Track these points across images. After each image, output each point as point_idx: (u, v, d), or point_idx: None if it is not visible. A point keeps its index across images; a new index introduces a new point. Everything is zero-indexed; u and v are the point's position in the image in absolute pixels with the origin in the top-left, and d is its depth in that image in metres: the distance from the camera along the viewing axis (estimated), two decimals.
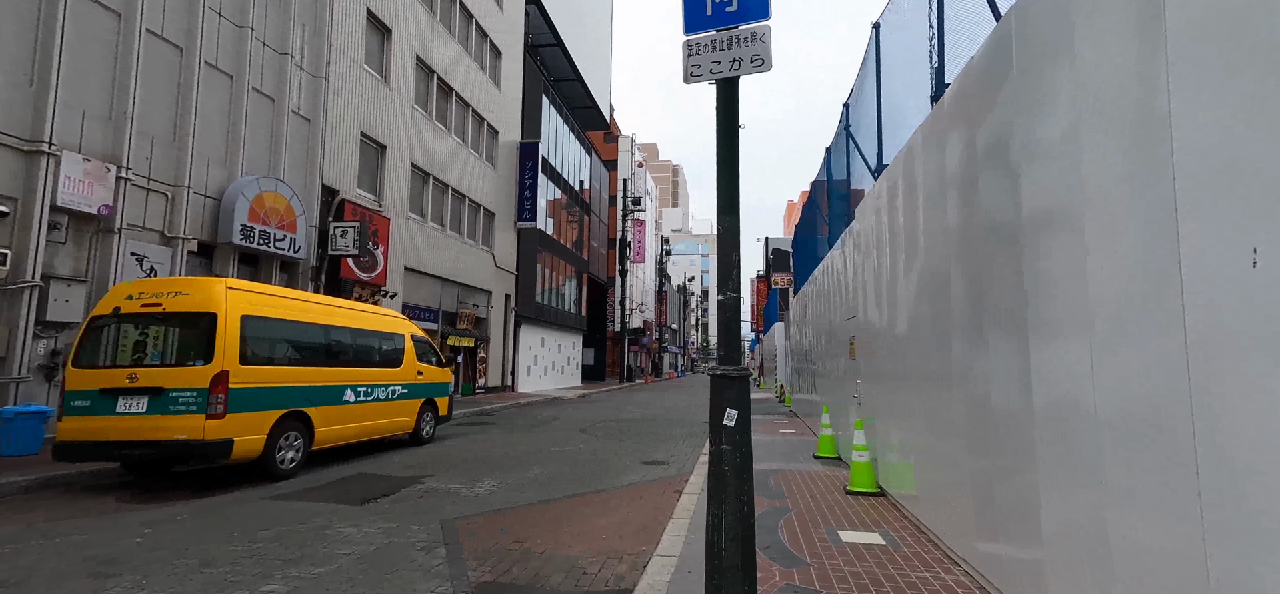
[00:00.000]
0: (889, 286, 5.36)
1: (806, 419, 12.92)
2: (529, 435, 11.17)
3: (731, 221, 2.82)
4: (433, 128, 18.04)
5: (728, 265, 2.80)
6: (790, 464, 7.75)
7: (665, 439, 11.03)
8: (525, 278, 25.67)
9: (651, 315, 60.00)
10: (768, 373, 32.59)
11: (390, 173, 15.79)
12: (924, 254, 4.33)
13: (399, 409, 8.94)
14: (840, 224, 8.60)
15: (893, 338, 5.32)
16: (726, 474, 2.70)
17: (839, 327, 8.30)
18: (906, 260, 4.79)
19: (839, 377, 8.37)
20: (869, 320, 6.28)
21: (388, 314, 9.25)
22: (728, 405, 2.69)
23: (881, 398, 5.84)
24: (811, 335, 12.04)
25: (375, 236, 14.78)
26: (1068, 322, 2.37)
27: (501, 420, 13.98)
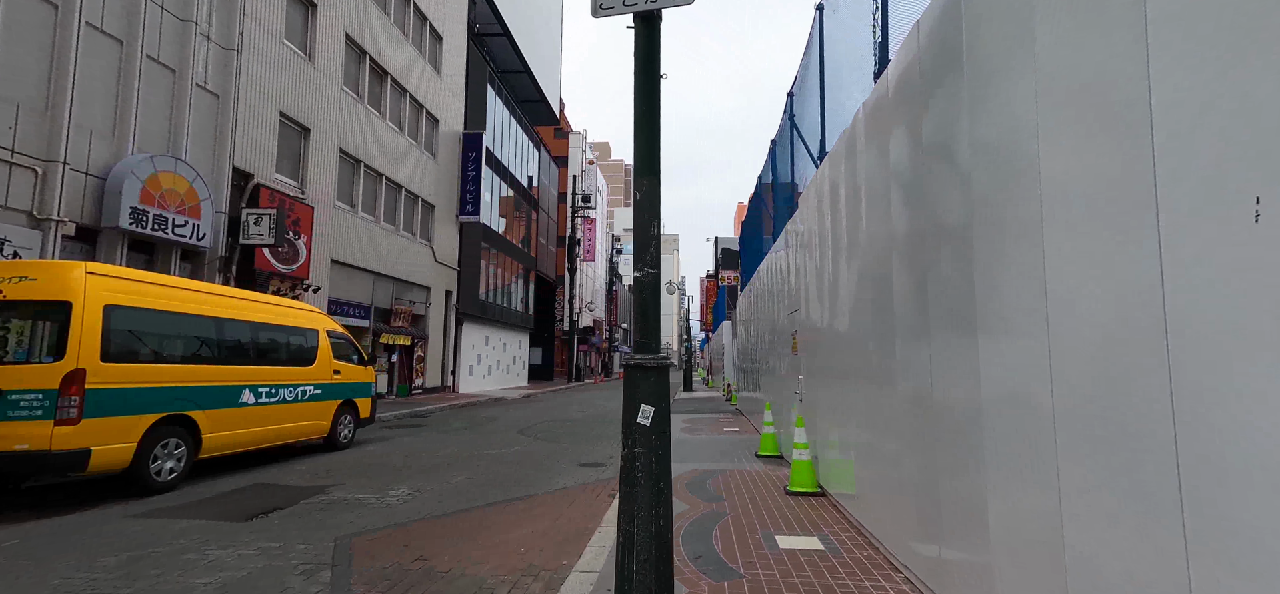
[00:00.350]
0: (831, 279, 5.09)
1: (751, 417, 12.75)
2: (462, 438, 10.50)
3: (651, 184, 2.40)
4: (365, 113, 16.96)
5: (646, 235, 2.38)
6: (731, 464, 7.45)
7: (606, 439, 10.58)
8: (468, 274, 24.69)
9: (602, 314, 59.43)
10: (716, 371, 32.64)
11: (315, 158, 14.69)
12: (866, 243, 4.05)
13: (311, 411, 8.13)
14: (785, 219, 8.38)
15: (834, 332, 5.05)
16: (640, 482, 2.27)
17: (782, 323, 8.07)
18: (848, 250, 4.52)
19: (782, 374, 8.14)
20: (811, 315, 6.03)
21: (299, 307, 8.41)
22: (643, 401, 2.27)
23: (823, 394, 5.58)
24: (756, 333, 11.86)
25: (297, 226, 13.70)
26: (1020, 312, 2.08)
27: (435, 422, 13.19)
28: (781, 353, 8.17)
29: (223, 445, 6.61)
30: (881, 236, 3.73)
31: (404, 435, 10.74)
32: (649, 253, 2.36)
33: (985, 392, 2.35)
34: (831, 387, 5.21)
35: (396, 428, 11.98)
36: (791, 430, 7.40)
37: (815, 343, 5.84)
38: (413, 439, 10.23)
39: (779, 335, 8.41)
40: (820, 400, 5.69)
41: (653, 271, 2.36)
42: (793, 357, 7.16)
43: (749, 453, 8.38)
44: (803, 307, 6.48)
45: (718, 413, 15.43)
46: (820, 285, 5.55)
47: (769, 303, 9.59)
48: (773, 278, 9.09)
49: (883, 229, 3.70)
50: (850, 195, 4.47)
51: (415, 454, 8.58)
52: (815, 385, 5.91)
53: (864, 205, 4.09)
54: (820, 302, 5.57)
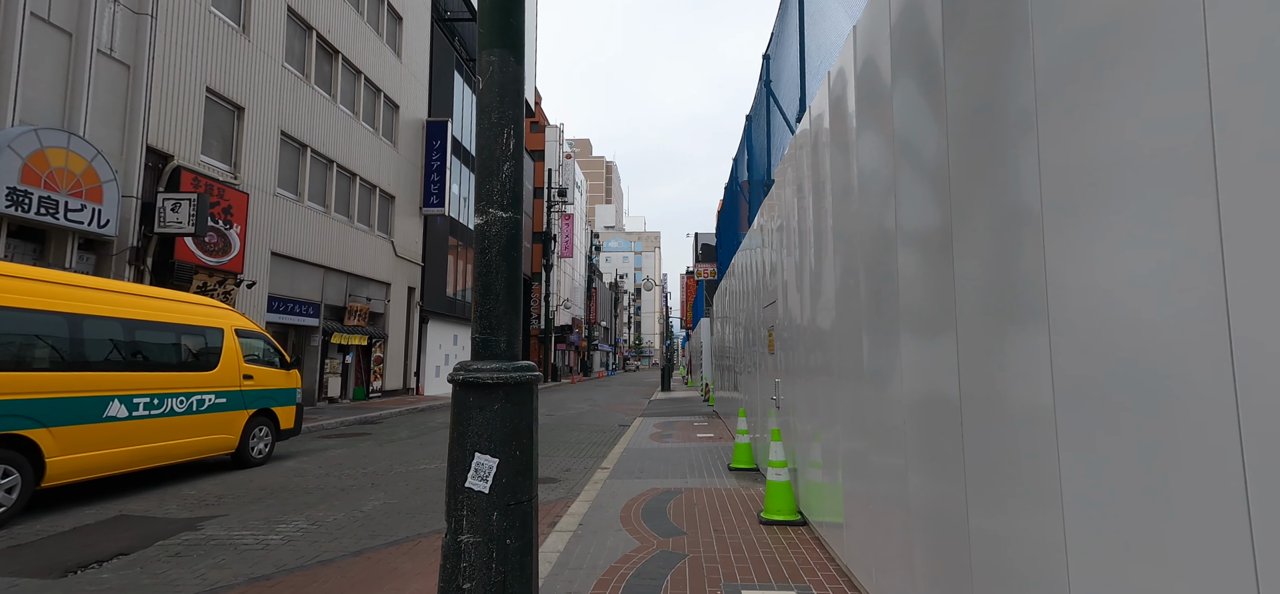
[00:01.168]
0: (814, 263, 4.12)
1: (727, 420, 11.79)
2: (401, 449, 9.36)
3: (503, 62, 1.36)
4: (311, 93, 15.65)
5: (495, 154, 1.35)
6: (699, 480, 6.45)
7: (567, 447, 9.53)
8: (433, 269, 23.41)
9: (581, 313, 58.24)
10: (696, 370, 31.73)
11: (251, 141, 13.38)
12: (861, 213, 3.07)
13: (211, 424, 6.95)
14: (760, 201, 7.42)
15: (816, 325, 4.08)
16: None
17: (757, 317, 7.09)
18: (836, 223, 3.54)
19: (758, 374, 7.17)
20: (789, 306, 5.05)
21: (200, 302, 7.22)
22: (478, 447, 1.23)
23: (804, 399, 4.61)
24: (732, 330, 10.90)
25: (228, 214, 12.40)
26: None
27: (383, 430, 12.02)
28: (758, 351, 7.21)
29: (79, 470, 5.42)
30: (881, 201, 2.75)
31: (337, 447, 9.57)
32: (499, 185, 1.33)
33: (1061, 386, 1.39)
34: (814, 388, 4.24)
35: (335, 437, 10.79)
36: (767, 437, 6.43)
37: (794, 339, 4.86)
38: (345, 451, 9.07)
39: (755, 332, 7.44)
40: (800, 405, 4.72)
41: (504, 215, 1.33)
42: (770, 356, 6.19)
43: (721, 465, 7.40)
44: (780, 298, 5.51)
45: (692, 415, 14.46)
46: (800, 271, 4.57)
47: (744, 297, 8.63)
48: (748, 270, 8.12)
49: (883, 192, 2.72)
50: (838, 155, 3.49)
51: (336, 471, 7.44)
52: (795, 388, 4.94)
53: (857, 164, 3.11)
54: (800, 290, 4.59)
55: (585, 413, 16.25)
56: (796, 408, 4.87)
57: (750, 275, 7.91)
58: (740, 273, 9.30)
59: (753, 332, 7.67)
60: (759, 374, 7.05)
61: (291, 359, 8.47)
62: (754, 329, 7.51)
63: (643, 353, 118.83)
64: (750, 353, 8.01)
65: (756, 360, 7.35)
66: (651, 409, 16.90)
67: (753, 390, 7.81)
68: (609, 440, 10.59)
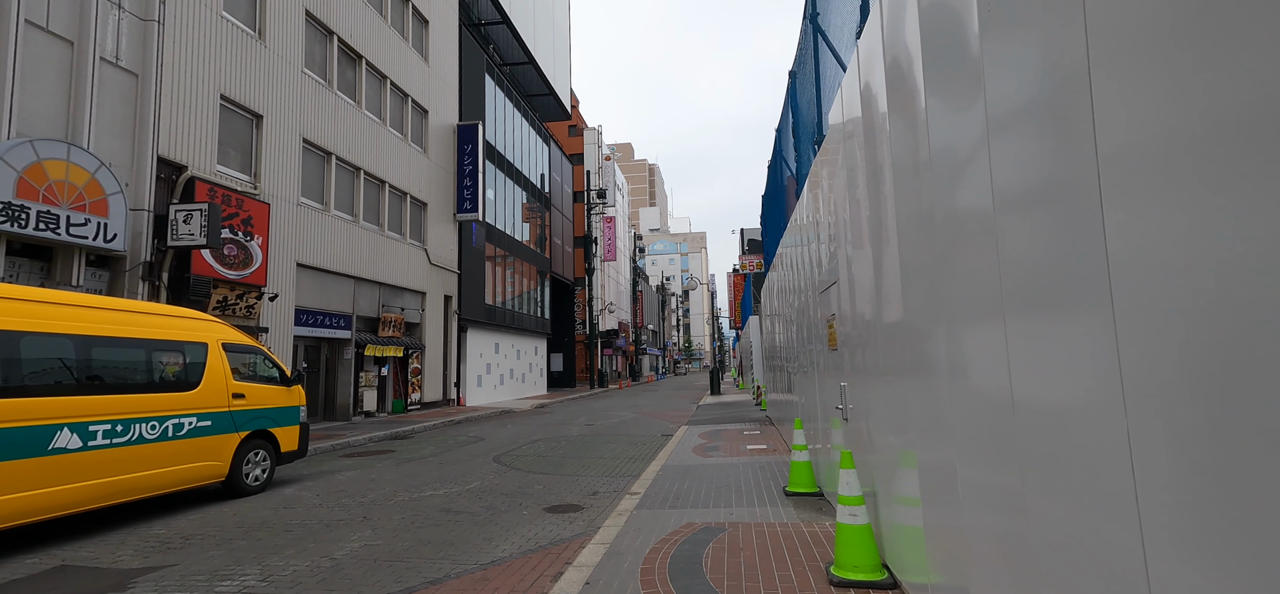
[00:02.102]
0: (901, 222, 2.84)
1: (781, 427, 10.42)
2: (417, 469, 8.50)
3: None
4: (334, 100, 15.24)
5: None
6: (747, 510, 5.20)
7: (599, 464, 8.44)
8: (471, 277, 22.90)
9: (627, 316, 57.39)
10: (746, 372, 30.17)
11: (272, 149, 12.98)
12: (991, 104, 1.81)
13: (192, 450, 6.21)
14: (809, 166, 6.12)
15: (907, 306, 2.81)
16: None
17: (812, 307, 5.78)
18: (938, 152, 2.28)
19: (815, 375, 5.85)
20: (858, 287, 3.76)
21: (176, 314, 6.51)
22: None
23: (885, 407, 3.32)
24: (781, 325, 9.54)
25: (248, 225, 11.98)
26: None
27: (409, 446, 11.27)
28: (814, 349, 5.89)
29: (13, 514, 4.68)
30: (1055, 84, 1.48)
31: (351, 468, 8.79)
32: None
33: None
34: (904, 393, 2.96)
35: (357, 455, 10.08)
36: (832, 455, 5.12)
37: (869, 328, 3.57)
38: (356, 474, 8.27)
39: (809, 325, 6.12)
40: (879, 415, 3.43)
41: None
42: (831, 352, 4.89)
43: (775, 488, 6.12)
44: (843, 278, 4.21)
45: (742, 422, 13.12)
46: (877, 237, 3.29)
47: (794, 287, 7.30)
48: (798, 253, 6.79)
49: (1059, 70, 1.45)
50: (940, 54, 2.22)
51: (334, 499, 6.57)
52: (870, 392, 3.65)
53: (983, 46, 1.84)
54: (877, 262, 3.31)
55: (627, 422, 15.16)
56: (874, 419, 3.58)
57: (801, 259, 6.59)
58: (788, 261, 7.97)
59: (807, 325, 6.35)
60: (817, 375, 5.73)
61: (292, 374, 7.72)
62: (808, 322, 6.20)
63: (693, 356, 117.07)
64: (805, 351, 6.68)
65: (813, 359, 6.03)
66: (698, 416, 15.65)
67: (809, 394, 6.48)
68: (647, 454, 9.44)
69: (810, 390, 6.30)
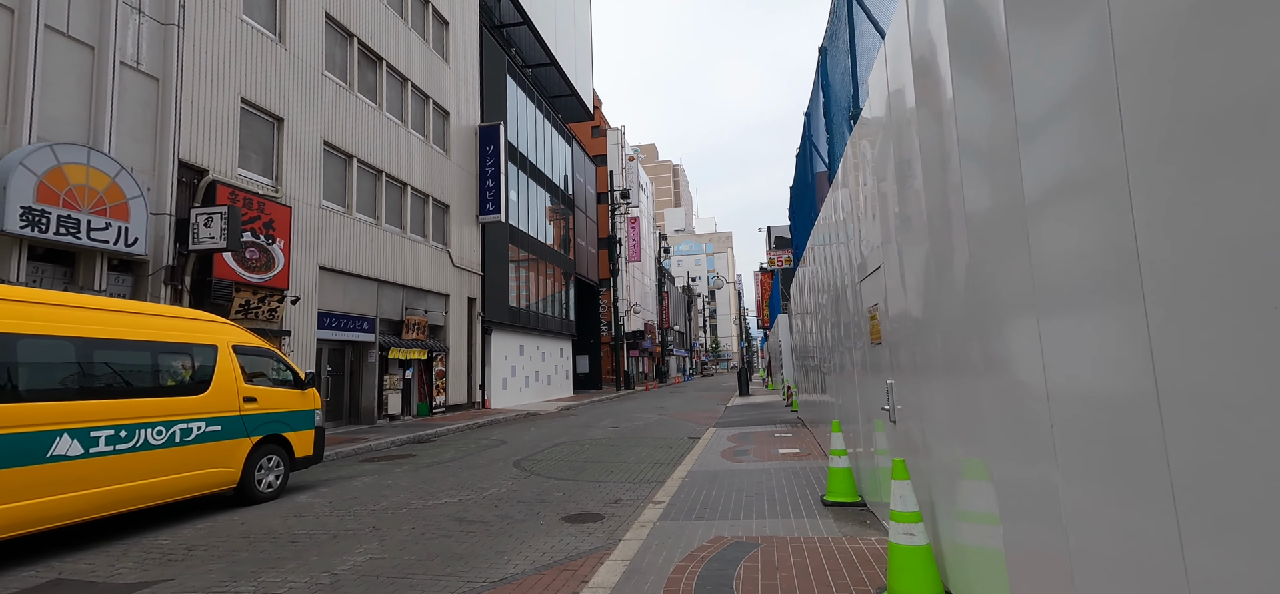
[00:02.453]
0: (956, 198, 2.37)
1: (815, 429, 9.88)
2: (435, 475, 8.23)
3: None
4: (355, 102, 15.21)
5: None
6: (782, 523, 4.74)
7: (622, 468, 8.04)
8: (494, 279, 22.79)
9: (653, 317, 56.98)
10: (775, 372, 29.46)
11: (293, 152, 12.95)
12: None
13: (202, 456, 6.01)
14: (843, 146, 5.63)
15: (968, 295, 2.34)
16: None
17: (850, 295, 5.28)
18: (1002, 107, 1.82)
19: (854, 373, 5.34)
20: (907, 273, 3.28)
21: (185, 316, 6.34)
22: None
23: (945, 413, 2.83)
24: (814, 321, 9.01)
25: (270, 229, 11.94)
26: None
27: (431, 450, 11.05)
28: (851, 344, 5.39)
29: (11, 525, 4.50)
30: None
31: (368, 474, 8.57)
32: None
33: None
34: (971, 391, 2.48)
35: (378, 459, 9.89)
36: (877, 461, 4.63)
37: (921, 323, 3.09)
38: (372, 479, 8.03)
39: (846, 320, 5.62)
40: (937, 418, 2.95)
41: None
42: (875, 347, 4.40)
43: (812, 496, 5.63)
44: (890, 263, 3.74)
45: (773, 424, 12.59)
46: (935, 212, 2.82)
47: (828, 278, 6.80)
48: (833, 239, 6.29)
49: None
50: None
51: (346, 507, 6.31)
52: (923, 391, 3.17)
53: None
54: (933, 244, 2.83)
55: (652, 424, 14.75)
56: (930, 422, 3.10)
57: (835, 249, 6.09)
58: (821, 252, 7.46)
59: (843, 320, 5.85)
60: (857, 374, 5.23)
61: (308, 376, 7.52)
62: (845, 316, 5.69)
63: (720, 356, 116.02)
64: (840, 348, 6.18)
65: (850, 356, 5.53)
66: (727, 417, 15.14)
67: (846, 395, 5.97)
68: (673, 458, 9.01)
69: (848, 390, 5.79)
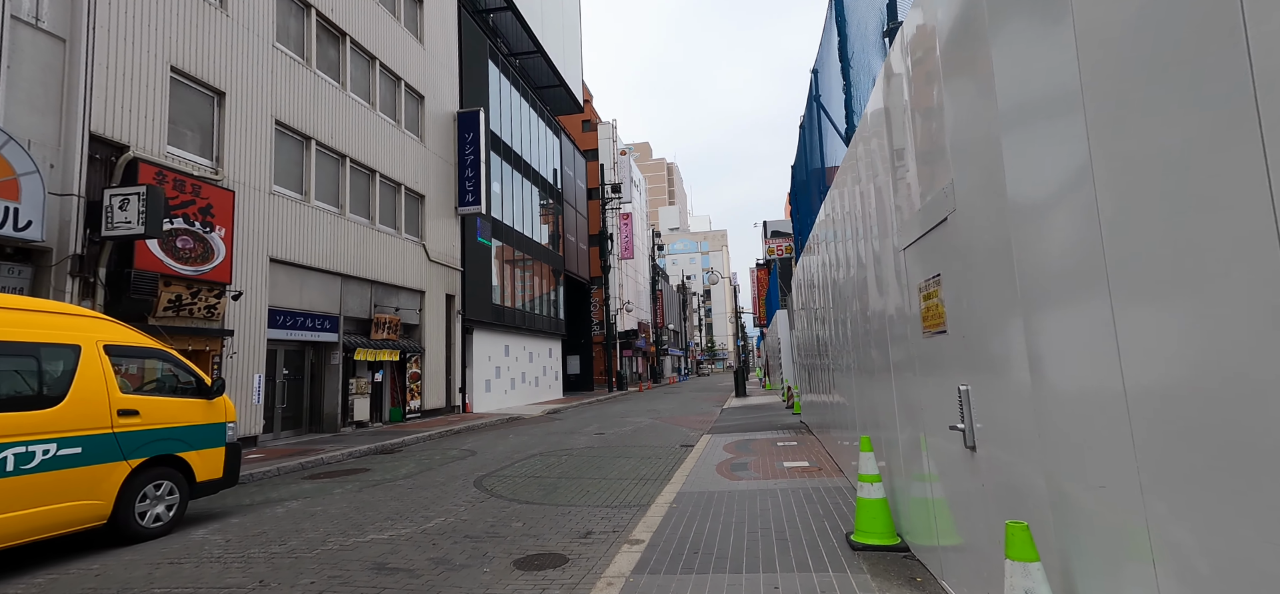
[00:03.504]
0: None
1: (824, 436, 8.61)
2: (377, 498, 6.91)
3: None
4: (313, 80, 13.86)
5: None
6: (800, 579, 3.45)
7: (602, 487, 6.73)
8: (476, 274, 21.46)
9: (647, 316, 55.72)
10: (773, 371, 28.23)
11: (237, 131, 11.60)
12: None
13: (51, 487, 4.69)
14: (867, 95, 4.36)
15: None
16: None
17: (883, 271, 4.00)
18: None
19: (889, 374, 4.06)
20: (1028, 199, 2.01)
21: (35, 307, 5.01)
22: None
23: (1112, 441, 1.55)
24: (822, 313, 7.72)
25: (208, 215, 10.59)
26: None
27: (388, 464, 9.74)
28: (887, 335, 4.12)
29: None
30: None
31: (299, 498, 7.25)
32: None
33: None
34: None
35: (323, 476, 8.56)
36: (927, 490, 3.38)
37: (1057, 291, 1.83)
38: (298, 506, 6.71)
39: (876, 302, 4.34)
40: (1101, 459, 1.69)
41: None
42: (929, 338, 3.12)
43: (833, 533, 4.36)
44: (971, 200, 2.47)
45: (774, 430, 11.32)
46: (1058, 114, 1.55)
47: (846, 253, 5.52)
48: (854, 204, 5.00)
49: None
50: None
51: (247, 547, 4.99)
52: (1043, 415, 1.91)
53: None
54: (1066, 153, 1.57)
55: (643, 430, 13.47)
56: (1062, 454, 1.84)
57: (856, 220, 4.81)
58: (835, 230, 6.18)
59: (870, 306, 4.56)
60: (895, 375, 3.95)
61: (215, 382, 6.19)
62: (874, 301, 4.42)
63: (716, 356, 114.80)
64: (865, 340, 4.90)
65: (882, 351, 4.25)
66: (723, 420, 13.88)
67: (876, 401, 4.70)
68: (661, 473, 7.73)
69: (879, 395, 4.51)
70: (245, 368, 11.33)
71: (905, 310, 3.58)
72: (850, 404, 5.97)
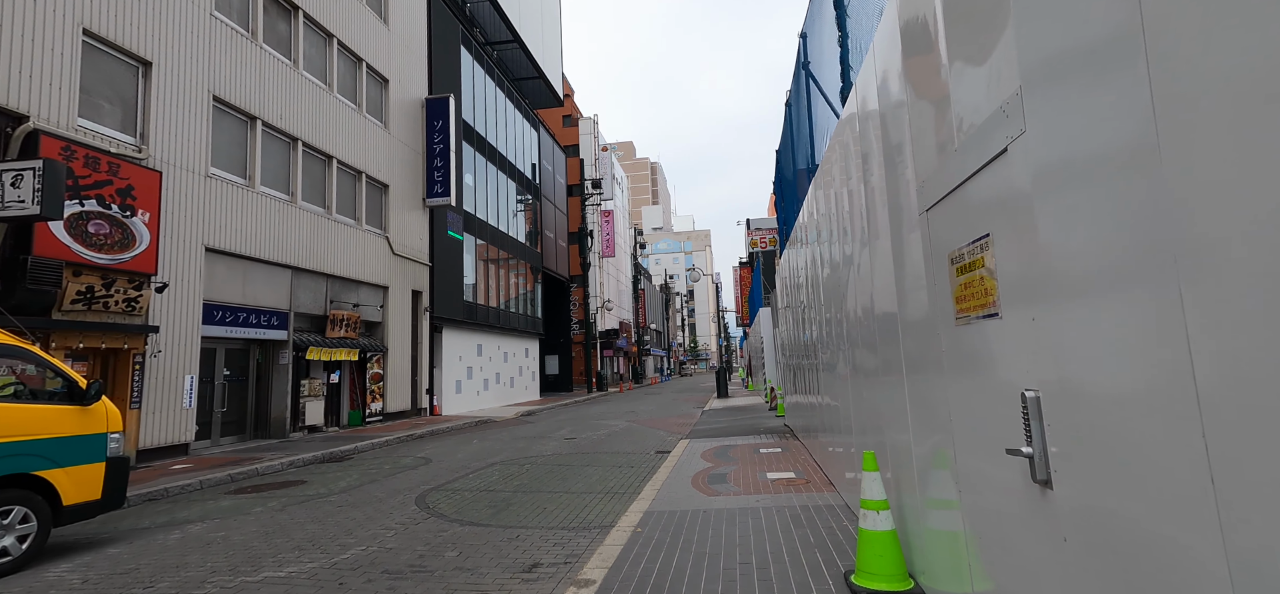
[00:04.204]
0: None
1: (810, 441, 7.79)
2: (296, 523, 5.94)
3: None
4: (260, 55, 12.76)
5: None
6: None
7: (559, 506, 5.81)
8: (446, 270, 20.40)
9: (629, 315, 54.85)
10: (756, 371, 27.53)
11: (166, 106, 10.48)
12: None
13: None
14: (864, 55, 3.52)
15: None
16: None
17: (897, 240, 3.16)
18: None
19: (901, 374, 3.22)
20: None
21: None
22: None
23: None
24: (811, 305, 6.91)
25: (128, 197, 9.48)
26: None
27: (330, 475, 8.74)
28: (897, 324, 3.29)
29: None
30: None
31: (204, 520, 6.24)
32: None
33: None
34: None
35: (251, 490, 7.54)
36: (947, 519, 2.56)
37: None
38: (197, 530, 5.72)
39: (885, 282, 3.52)
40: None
41: None
42: (967, 326, 2.28)
43: (828, 569, 3.51)
44: (1045, 117, 1.63)
45: (756, 434, 10.51)
46: None
47: (843, 225, 4.70)
48: (853, 165, 4.17)
49: None
50: None
51: (104, 591, 4.02)
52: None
53: None
54: None
55: (617, 434, 12.59)
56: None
57: (855, 183, 3.98)
58: (830, 202, 5.36)
59: (877, 286, 3.74)
60: (908, 375, 3.12)
61: (91, 384, 5.17)
62: (882, 281, 3.59)
63: (699, 356, 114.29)
64: (862, 334, 4.07)
65: (890, 346, 3.43)
66: (703, 423, 13.05)
67: (869, 405, 3.87)
68: (632, 486, 6.85)
69: (885, 399, 3.68)
70: (174, 368, 10.22)
71: (924, 292, 2.74)
72: (843, 407, 5.15)
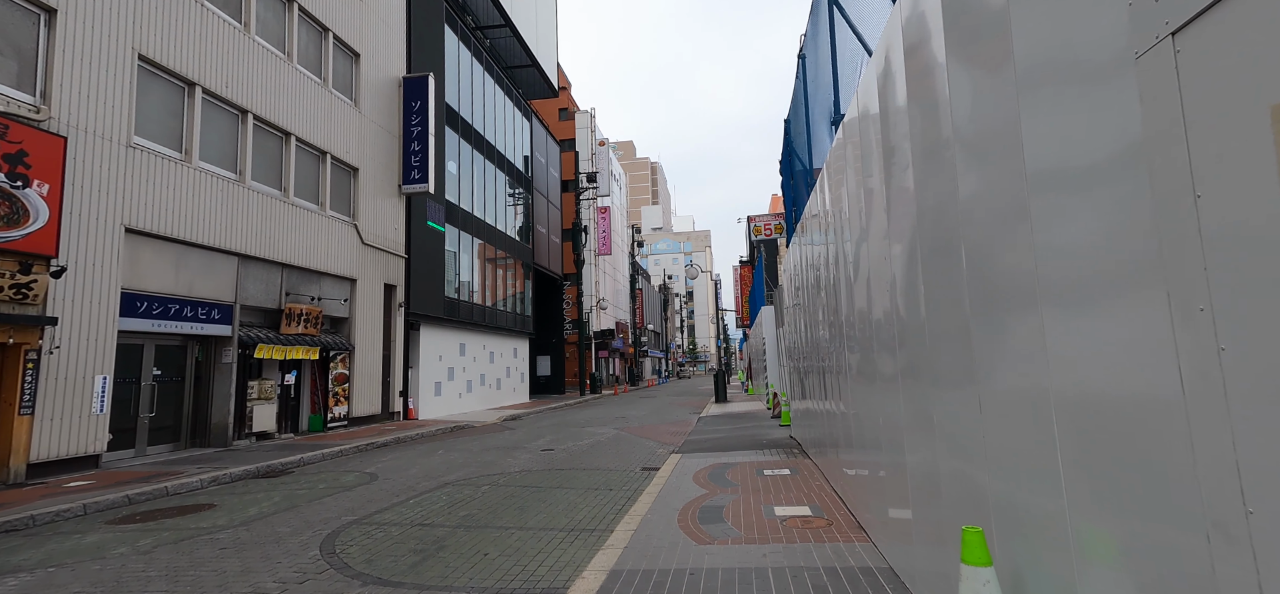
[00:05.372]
0: None
1: (823, 459, 6.32)
2: (153, 571, 4.49)
3: None
4: (201, 12, 11.32)
5: None
6: None
7: (506, 552, 4.34)
8: (425, 264, 18.96)
9: (626, 316, 53.40)
10: (757, 375, 26.09)
11: (74, 61, 9.04)
12: None
13: None
14: None
15: None
16: None
17: (994, 166, 1.74)
18: None
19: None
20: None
21: None
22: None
23: None
24: (830, 292, 5.46)
25: (20, 164, 8.04)
26: None
27: (252, 496, 7.29)
28: (993, 298, 1.88)
29: None
30: None
31: (53, 562, 4.79)
32: None
33: None
34: None
35: (135, 520, 6.09)
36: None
37: None
38: (20, 581, 4.27)
39: (977, 235, 2.10)
40: None
41: None
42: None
43: None
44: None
45: (759, 449, 9.04)
46: None
47: (894, 167, 3.28)
48: (913, 69, 2.75)
49: None
50: None
51: None
52: None
53: None
54: None
55: (602, 444, 11.15)
56: None
57: (935, 69, 2.57)
58: (870, 135, 3.94)
59: (952, 246, 2.33)
60: (1053, 372, 1.70)
61: None
62: (978, 238, 2.18)
63: (698, 358, 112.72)
64: (929, 321, 2.66)
65: (986, 337, 2.02)
66: (699, 433, 11.60)
67: (933, 424, 2.47)
68: (604, 520, 5.39)
69: (1001, 429, 2.24)
70: (82, 367, 8.78)
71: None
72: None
